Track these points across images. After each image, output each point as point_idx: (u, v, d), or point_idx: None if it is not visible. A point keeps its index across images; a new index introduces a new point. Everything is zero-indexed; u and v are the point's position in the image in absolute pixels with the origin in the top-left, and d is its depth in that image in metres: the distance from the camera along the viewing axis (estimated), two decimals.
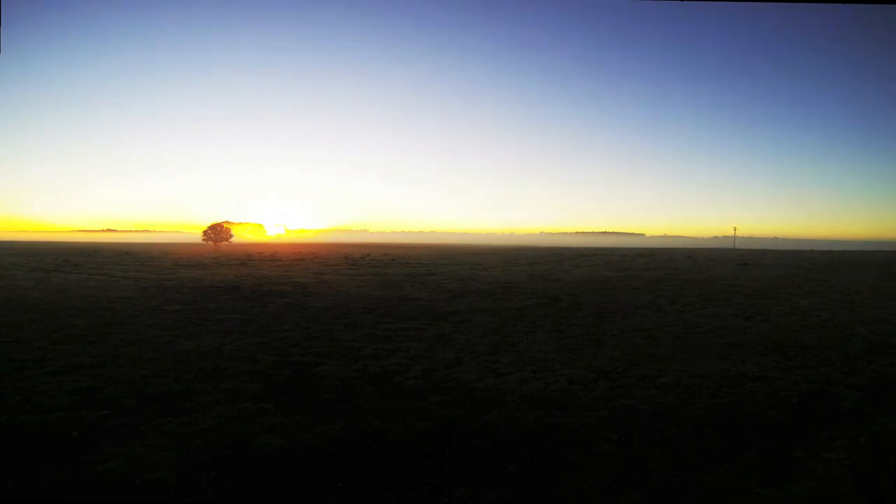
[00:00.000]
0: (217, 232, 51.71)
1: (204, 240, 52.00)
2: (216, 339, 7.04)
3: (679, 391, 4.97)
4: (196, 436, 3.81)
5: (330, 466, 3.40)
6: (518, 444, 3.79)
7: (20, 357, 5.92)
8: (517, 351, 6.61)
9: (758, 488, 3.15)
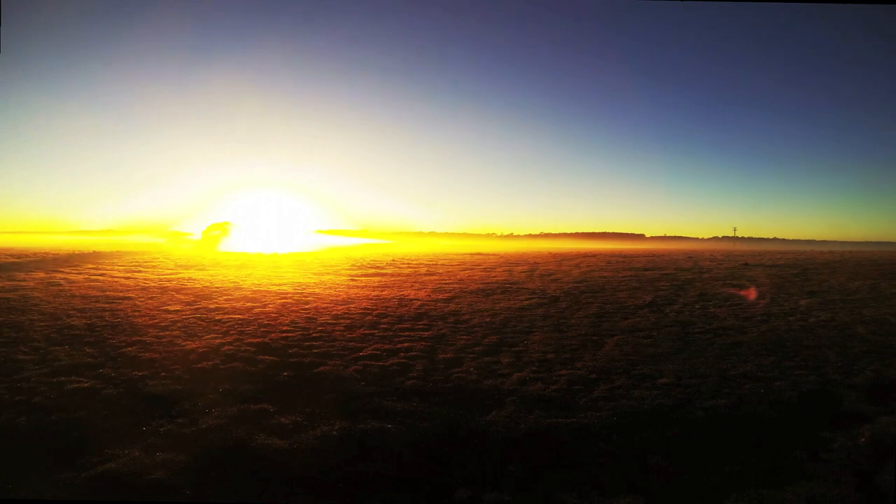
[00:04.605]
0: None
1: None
2: (216, 340, 7.04)
3: (679, 391, 4.97)
4: (196, 436, 3.81)
5: (329, 467, 3.40)
6: (518, 444, 3.79)
7: (20, 357, 5.92)
8: (517, 351, 6.62)
9: (758, 488, 3.15)
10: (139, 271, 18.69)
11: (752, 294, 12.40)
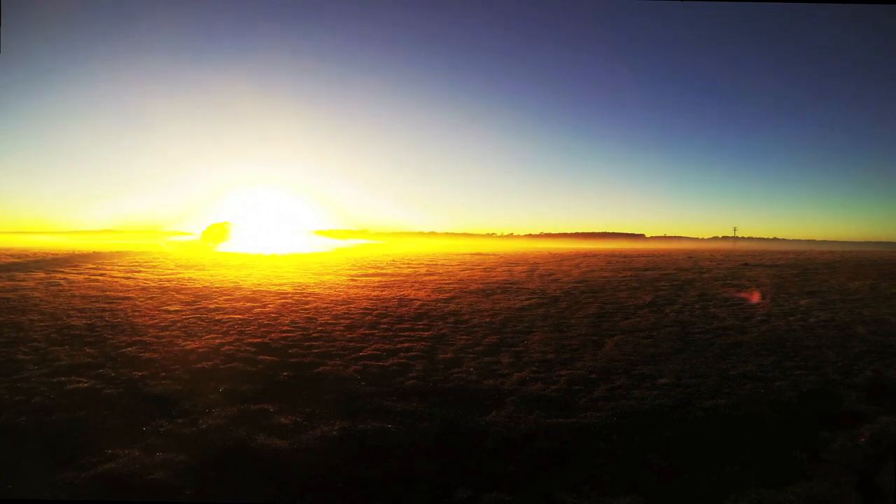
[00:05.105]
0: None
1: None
2: (216, 340, 7.04)
3: (679, 391, 4.97)
4: (196, 436, 3.81)
5: (330, 467, 3.40)
6: (518, 444, 3.79)
7: (20, 357, 5.92)
8: (517, 351, 6.62)
9: (758, 488, 3.15)
10: (139, 271, 18.69)
11: (754, 297, 12.37)
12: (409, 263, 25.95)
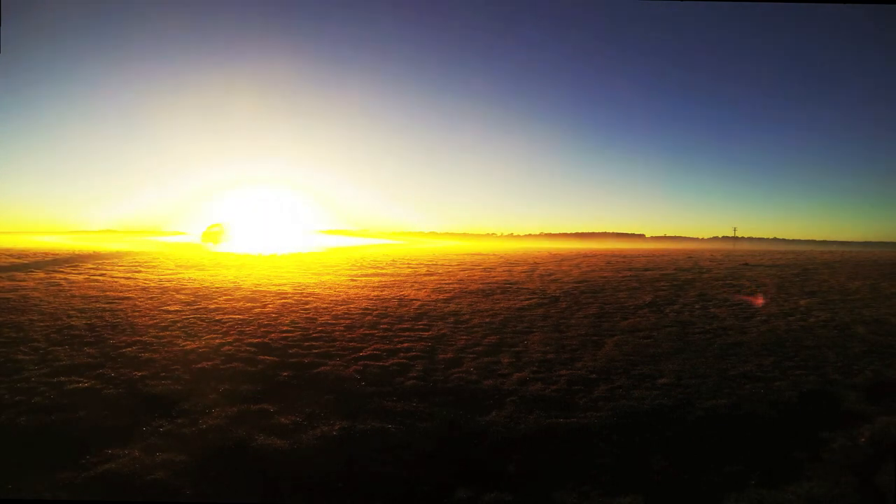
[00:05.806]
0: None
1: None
2: (216, 340, 7.05)
3: (679, 391, 4.97)
4: (196, 436, 3.81)
5: (330, 467, 3.41)
6: (517, 444, 3.80)
7: (20, 357, 5.92)
8: (517, 352, 6.62)
9: (758, 488, 3.15)
10: (139, 271, 18.68)
11: (759, 300, 12.34)
12: (408, 263, 25.94)
